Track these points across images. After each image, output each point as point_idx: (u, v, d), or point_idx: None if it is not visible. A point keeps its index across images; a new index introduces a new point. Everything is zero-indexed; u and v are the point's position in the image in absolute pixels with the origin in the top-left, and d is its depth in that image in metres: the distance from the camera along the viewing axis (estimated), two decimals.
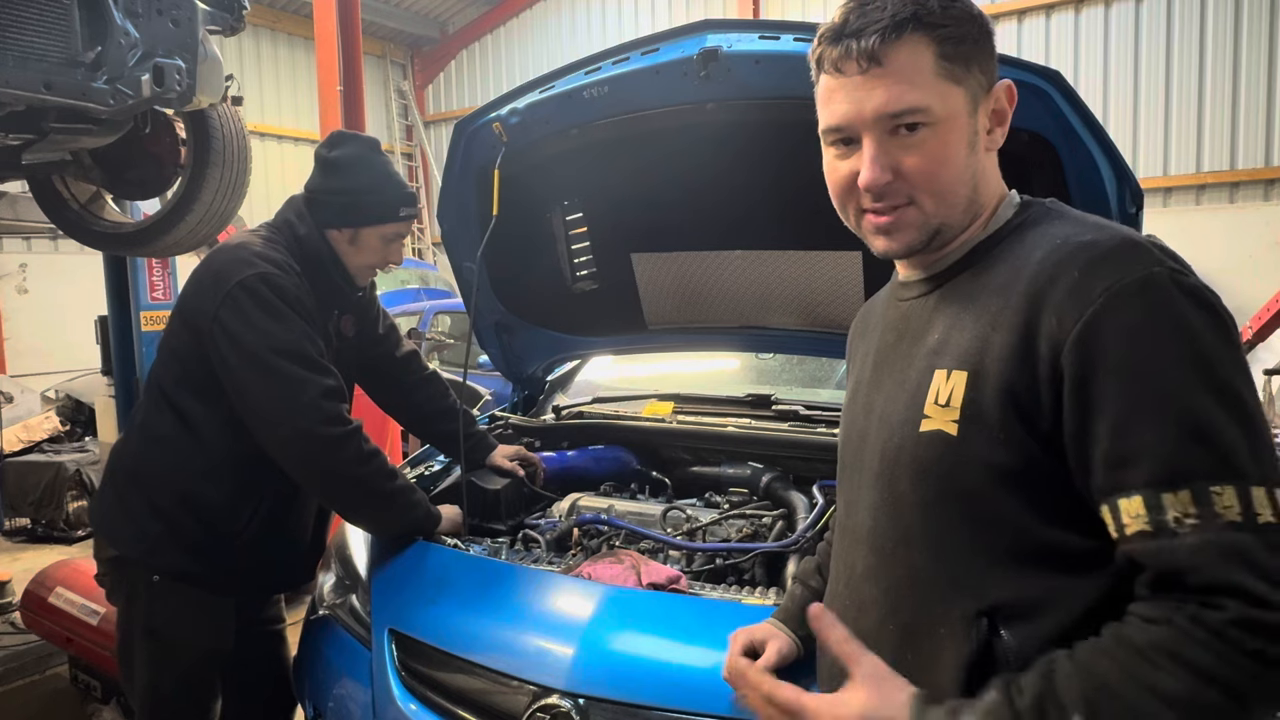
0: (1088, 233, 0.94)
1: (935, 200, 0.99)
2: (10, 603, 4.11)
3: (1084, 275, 0.88)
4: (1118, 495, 0.85)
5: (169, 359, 2.02)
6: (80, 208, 3.22)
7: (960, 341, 0.98)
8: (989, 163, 1.04)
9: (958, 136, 0.98)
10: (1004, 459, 0.92)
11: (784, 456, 2.40)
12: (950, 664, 0.94)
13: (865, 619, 1.07)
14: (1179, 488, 0.81)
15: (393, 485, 1.97)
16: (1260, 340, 4.60)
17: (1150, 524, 0.82)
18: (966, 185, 1.01)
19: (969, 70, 0.98)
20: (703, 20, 1.95)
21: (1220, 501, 0.80)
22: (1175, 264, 0.88)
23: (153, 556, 1.95)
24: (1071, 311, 0.87)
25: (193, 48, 2.34)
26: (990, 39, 1.01)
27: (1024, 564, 0.92)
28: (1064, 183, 1.75)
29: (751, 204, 2.30)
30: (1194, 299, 0.86)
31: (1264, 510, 0.80)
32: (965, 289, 1.02)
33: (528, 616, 1.71)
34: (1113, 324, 0.85)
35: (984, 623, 0.93)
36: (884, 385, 1.09)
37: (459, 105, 14.32)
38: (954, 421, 0.95)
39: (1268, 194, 9.25)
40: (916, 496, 1.00)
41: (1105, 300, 0.86)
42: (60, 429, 6.54)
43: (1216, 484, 0.81)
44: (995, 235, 1.03)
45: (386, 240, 2.10)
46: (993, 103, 1.02)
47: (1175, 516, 0.81)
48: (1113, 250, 0.89)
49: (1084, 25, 9.87)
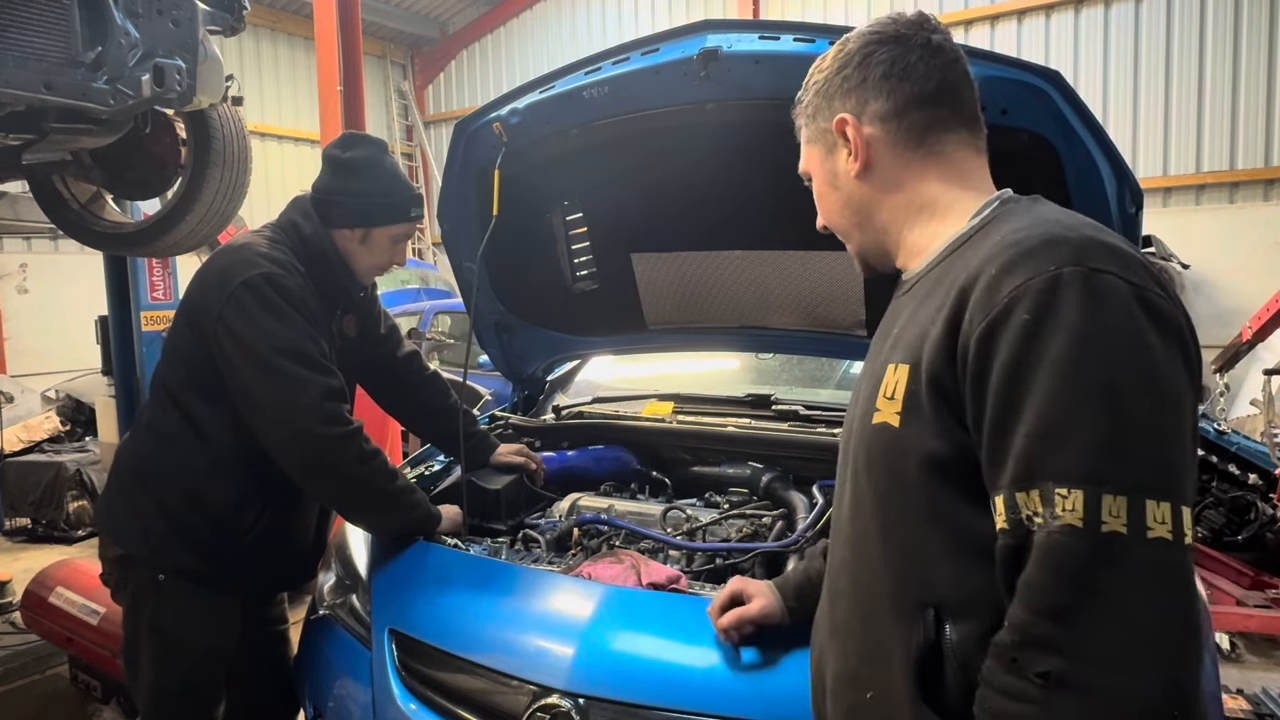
0: (1025, 230, 0.93)
1: (842, 234, 1.18)
2: (10, 603, 4.12)
3: (999, 274, 0.89)
4: (994, 493, 0.87)
5: (174, 359, 2.02)
6: (80, 208, 3.23)
7: (908, 335, 1.01)
8: (874, 184, 1.11)
9: (820, 184, 1.17)
10: (937, 448, 0.93)
11: (784, 456, 2.40)
12: (900, 656, 0.96)
13: (838, 610, 1.10)
14: (1030, 487, 0.82)
15: (393, 485, 1.98)
16: (1260, 340, 4.60)
17: (1007, 522, 0.84)
18: (846, 215, 1.15)
19: (818, 124, 1.15)
20: (703, 20, 1.96)
21: (1063, 504, 0.80)
22: (1096, 261, 0.85)
23: (158, 555, 1.95)
24: (981, 310, 0.89)
25: (193, 48, 2.34)
26: (829, 82, 1.12)
27: (966, 557, 0.93)
28: (1063, 183, 1.75)
29: (751, 204, 2.30)
30: (1099, 298, 0.83)
31: (1111, 520, 0.78)
32: (927, 287, 1.05)
33: (528, 616, 1.71)
34: (1007, 324, 0.86)
35: (930, 615, 0.94)
36: (862, 382, 1.14)
37: (459, 105, 14.32)
38: (897, 414, 0.97)
39: (1267, 194, 9.24)
40: (870, 489, 1.03)
41: (1008, 301, 0.86)
42: (60, 429, 6.55)
43: (1063, 486, 0.80)
44: (965, 235, 1.05)
45: (395, 240, 2.12)
46: (835, 137, 1.12)
47: (1027, 515, 0.82)
48: (1032, 249, 0.88)
49: (1084, 25, 9.86)
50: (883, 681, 0.98)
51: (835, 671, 1.09)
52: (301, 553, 2.18)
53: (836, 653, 1.09)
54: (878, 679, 0.99)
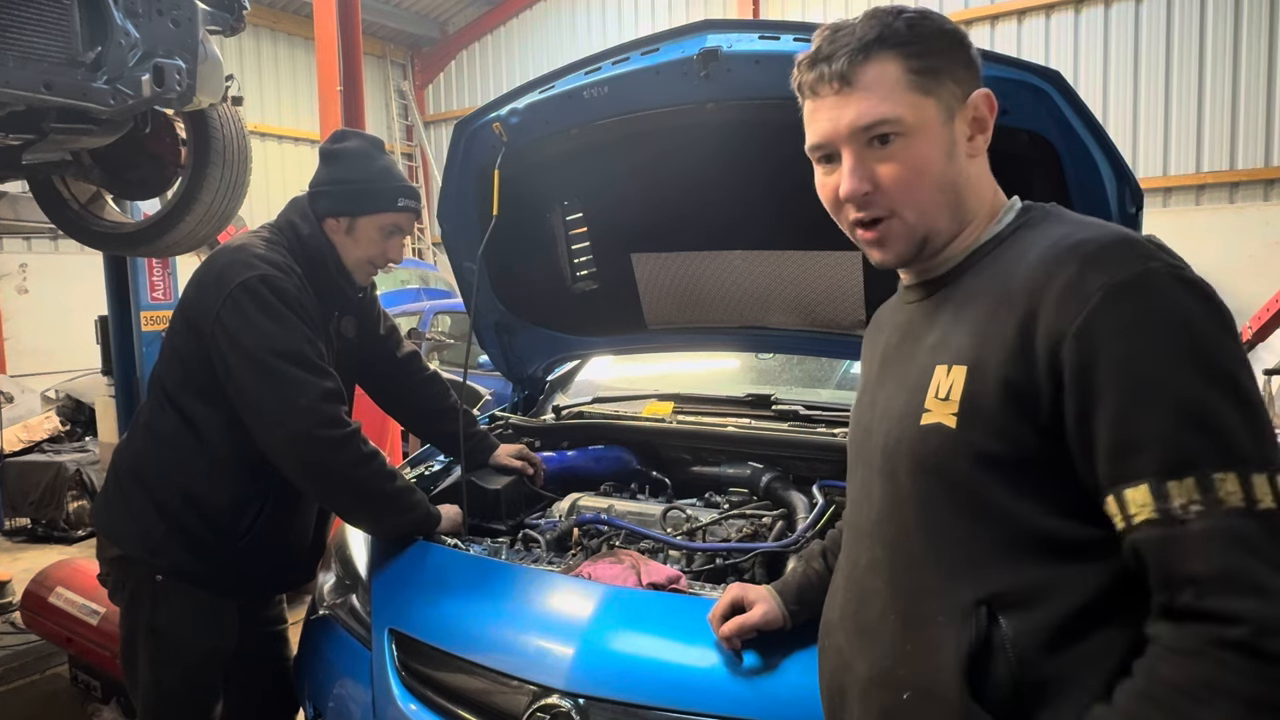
0: (1083, 231, 0.96)
1: (915, 210, 1.04)
2: (10, 603, 4.12)
3: (1081, 272, 0.90)
4: (1124, 485, 0.86)
5: (172, 359, 2.02)
6: (80, 208, 3.23)
7: (960, 338, 1.01)
8: (974, 169, 1.07)
9: (932, 145, 1.02)
10: (1000, 449, 0.94)
11: (784, 456, 2.40)
12: (950, 652, 0.96)
13: (867, 611, 1.09)
14: (1183, 475, 0.83)
15: (392, 486, 1.98)
16: (1260, 340, 4.60)
17: (1157, 512, 0.84)
18: (946, 192, 1.04)
19: (939, 82, 1.03)
20: (703, 20, 1.95)
21: (1223, 488, 0.82)
22: (1171, 259, 0.90)
23: (156, 556, 1.95)
24: (1070, 307, 0.89)
25: (193, 48, 2.34)
26: (963, 50, 1.05)
27: (1021, 553, 0.94)
28: (1064, 183, 1.75)
29: (751, 204, 2.30)
30: (1191, 291, 0.88)
31: (1264, 497, 0.81)
32: (965, 291, 1.05)
33: (528, 616, 1.71)
34: (1111, 318, 0.87)
35: (983, 611, 0.94)
36: (888, 383, 1.13)
37: (459, 105, 14.32)
38: (953, 414, 0.97)
39: (1268, 194, 9.24)
40: (915, 488, 1.02)
41: (1103, 295, 0.88)
42: (60, 429, 6.54)
43: (1219, 471, 0.82)
44: (995, 238, 1.06)
45: (385, 233, 2.09)
46: (971, 111, 1.05)
47: (1181, 504, 0.83)
48: (1108, 247, 0.92)
49: (1084, 25, 9.87)
50: (924, 681, 0.98)
51: (866, 674, 1.07)
52: (301, 553, 2.18)
53: (867, 655, 1.07)
54: (918, 679, 0.99)
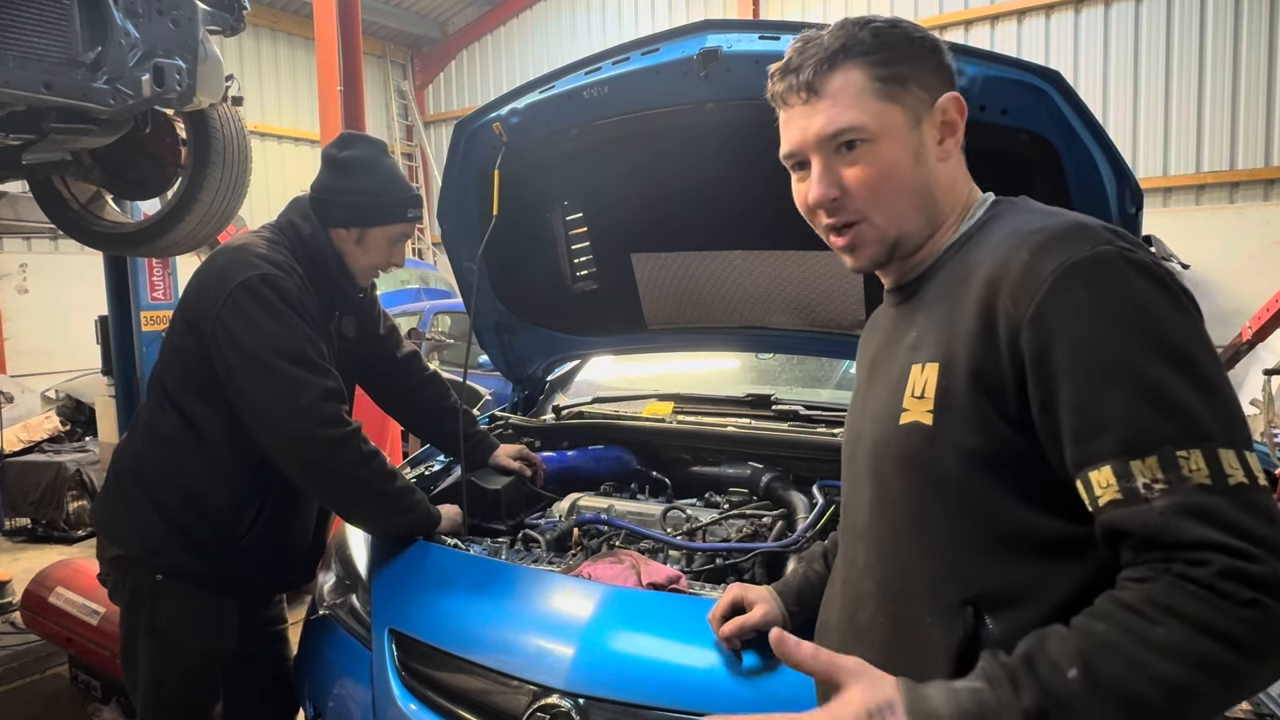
0: (1039, 220, 0.98)
1: (884, 213, 1.05)
2: (10, 603, 4.12)
3: (1034, 257, 0.91)
4: (1089, 468, 0.86)
5: (172, 359, 2.02)
6: (80, 208, 3.22)
7: (931, 336, 1.02)
8: (946, 170, 1.08)
9: (898, 149, 1.04)
10: (977, 443, 0.94)
11: (784, 456, 2.40)
12: (940, 652, 0.96)
13: (861, 613, 1.10)
14: (1146, 454, 0.83)
15: (392, 486, 1.98)
16: (1260, 340, 4.60)
17: (1121, 492, 0.84)
18: (916, 194, 1.06)
19: (905, 88, 1.04)
20: (703, 20, 1.96)
21: (1188, 465, 0.82)
22: (1124, 242, 0.91)
23: (156, 556, 1.95)
24: (1025, 292, 0.90)
25: (193, 48, 2.34)
26: (932, 56, 1.07)
27: (1006, 551, 0.94)
28: (1064, 183, 1.75)
29: (751, 204, 2.30)
30: (1142, 272, 0.88)
31: (1234, 471, 0.81)
32: (936, 289, 1.06)
33: (528, 616, 1.71)
34: (1062, 302, 0.88)
35: (969, 611, 0.95)
36: (875, 386, 1.13)
37: (459, 105, 14.31)
38: (929, 411, 0.98)
39: (1268, 194, 9.23)
40: (902, 488, 1.03)
41: (1055, 280, 0.89)
42: (60, 429, 6.54)
43: (1182, 448, 0.82)
44: (965, 235, 1.07)
45: (392, 241, 2.11)
46: (940, 115, 1.06)
47: (1144, 483, 0.83)
48: (1060, 233, 0.93)
49: (1084, 25, 9.86)
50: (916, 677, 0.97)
51: None
52: (301, 553, 2.18)
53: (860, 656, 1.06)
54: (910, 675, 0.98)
